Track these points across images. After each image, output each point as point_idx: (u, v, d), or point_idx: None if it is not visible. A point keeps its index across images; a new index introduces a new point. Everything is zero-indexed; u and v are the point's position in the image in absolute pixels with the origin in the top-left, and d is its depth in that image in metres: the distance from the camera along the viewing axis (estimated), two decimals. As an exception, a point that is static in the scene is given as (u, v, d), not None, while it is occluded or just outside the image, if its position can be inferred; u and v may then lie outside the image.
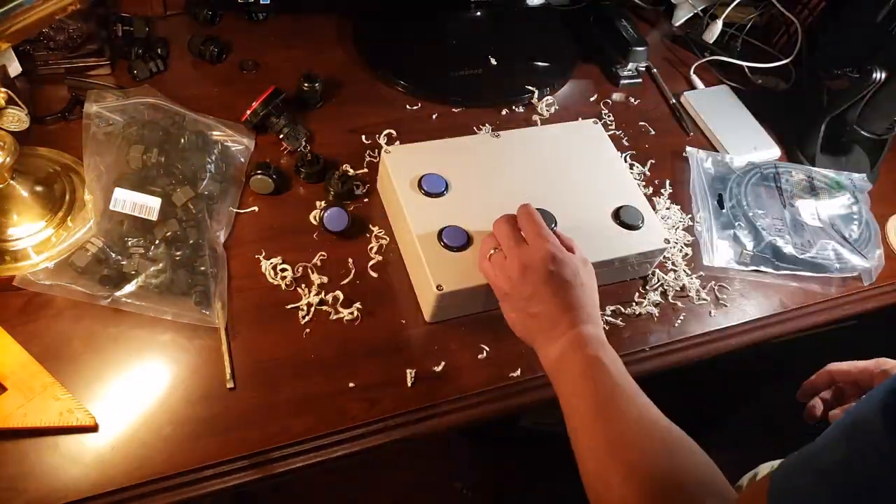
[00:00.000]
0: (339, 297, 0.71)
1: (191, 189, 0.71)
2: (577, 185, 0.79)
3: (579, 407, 0.55)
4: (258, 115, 0.81)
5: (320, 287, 0.71)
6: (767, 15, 1.13)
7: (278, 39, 0.97)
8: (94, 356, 0.63)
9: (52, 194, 0.71)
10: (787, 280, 0.83)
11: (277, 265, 0.72)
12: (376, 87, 0.94)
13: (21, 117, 0.64)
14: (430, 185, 0.74)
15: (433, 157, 0.77)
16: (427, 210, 0.72)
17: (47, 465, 0.57)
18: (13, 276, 0.65)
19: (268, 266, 0.72)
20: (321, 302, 0.70)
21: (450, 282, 0.67)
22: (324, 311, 0.70)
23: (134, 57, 0.87)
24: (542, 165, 0.80)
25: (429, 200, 0.73)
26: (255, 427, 0.61)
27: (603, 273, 0.75)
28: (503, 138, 0.81)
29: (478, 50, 1.00)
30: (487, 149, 0.80)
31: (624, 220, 0.75)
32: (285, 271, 0.71)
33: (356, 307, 0.70)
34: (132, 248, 0.67)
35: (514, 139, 0.82)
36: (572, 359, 0.57)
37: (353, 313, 0.70)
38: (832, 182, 0.91)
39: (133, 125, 0.75)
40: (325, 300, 0.70)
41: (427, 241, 0.70)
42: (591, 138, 0.84)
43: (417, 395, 0.66)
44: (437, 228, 0.71)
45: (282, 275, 0.71)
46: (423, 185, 0.74)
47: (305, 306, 0.70)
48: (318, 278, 0.72)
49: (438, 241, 0.70)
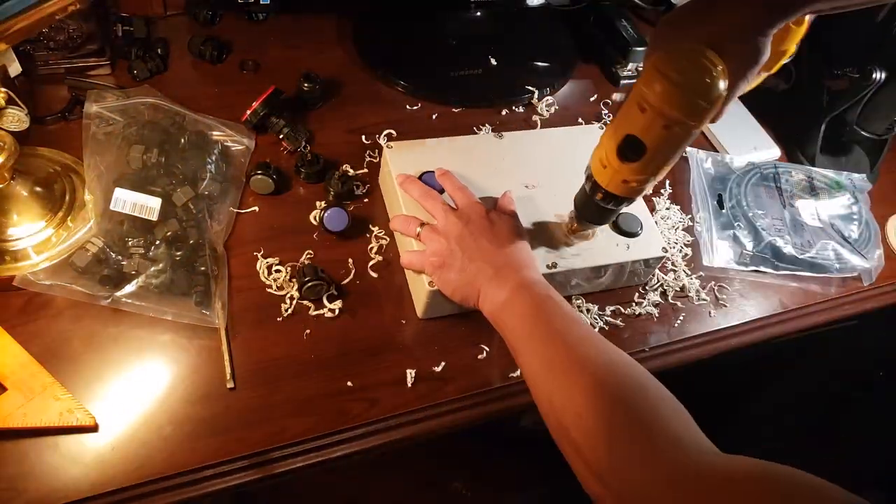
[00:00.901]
0: (339, 296, 0.71)
1: (191, 189, 0.71)
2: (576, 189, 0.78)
3: (533, 336, 0.57)
4: (258, 115, 0.81)
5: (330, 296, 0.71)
6: (767, 15, 1.12)
7: (278, 39, 0.97)
8: (95, 356, 0.64)
9: (52, 194, 0.71)
10: (787, 280, 0.83)
11: (273, 265, 0.72)
12: (376, 87, 0.94)
13: (21, 117, 0.64)
14: (430, 182, 0.74)
15: (435, 155, 0.77)
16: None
17: (47, 465, 0.57)
18: (13, 276, 0.65)
19: (263, 265, 0.72)
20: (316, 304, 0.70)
21: None
22: (324, 311, 0.70)
23: (134, 57, 0.87)
24: (543, 168, 0.79)
25: None
26: (255, 427, 0.61)
27: (601, 278, 0.75)
28: (506, 139, 0.81)
29: (478, 50, 1.00)
30: (489, 149, 0.80)
31: (622, 227, 0.75)
32: (279, 272, 0.71)
33: (356, 307, 0.70)
34: (132, 248, 0.67)
35: (516, 141, 0.82)
36: (521, 298, 0.60)
37: (353, 313, 0.70)
38: (832, 182, 0.91)
39: (133, 125, 0.75)
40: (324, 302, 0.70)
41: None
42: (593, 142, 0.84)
43: (417, 395, 0.66)
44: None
45: (275, 276, 0.71)
46: (423, 182, 0.74)
47: (288, 299, 0.70)
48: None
49: None
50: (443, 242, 0.66)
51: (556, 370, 0.54)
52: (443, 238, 0.66)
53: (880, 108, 0.90)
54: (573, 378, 0.52)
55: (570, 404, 0.51)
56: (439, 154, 0.77)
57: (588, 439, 0.49)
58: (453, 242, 0.65)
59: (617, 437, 0.48)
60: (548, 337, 0.56)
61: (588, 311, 0.75)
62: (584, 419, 0.49)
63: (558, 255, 0.71)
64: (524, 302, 0.60)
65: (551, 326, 0.57)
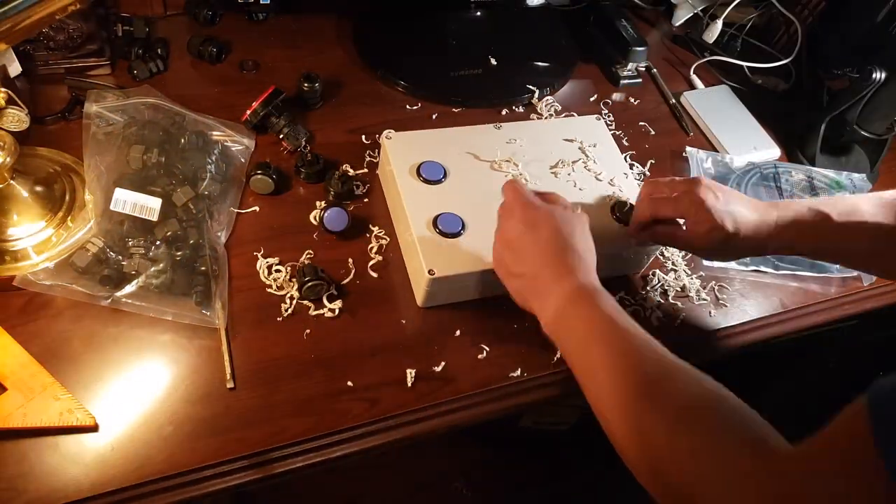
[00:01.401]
0: (339, 296, 0.71)
1: (191, 189, 0.71)
2: (575, 179, 0.79)
3: (588, 359, 0.54)
4: (258, 115, 0.81)
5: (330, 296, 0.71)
6: (767, 15, 1.13)
7: (278, 39, 0.97)
8: (95, 356, 0.63)
9: (52, 194, 0.71)
10: (787, 280, 0.83)
11: (273, 265, 0.72)
12: (376, 87, 0.94)
13: (21, 117, 0.64)
14: (429, 172, 0.75)
15: (433, 145, 0.78)
16: (424, 197, 0.73)
17: (47, 465, 0.57)
18: (13, 276, 0.65)
19: (263, 265, 0.72)
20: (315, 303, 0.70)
21: (442, 267, 0.68)
22: (324, 311, 0.70)
23: (134, 57, 0.87)
24: (542, 158, 0.80)
25: (426, 187, 0.74)
26: (255, 427, 0.61)
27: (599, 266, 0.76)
28: (504, 130, 0.82)
29: (478, 50, 1.00)
30: (487, 139, 0.81)
31: (620, 216, 0.76)
32: (279, 272, 0.71)
33: (356, 307, 0.70)
34: (132, 248, 0.67)
35: (514, 131, 0.82)
36: (572, 312, 0.56)
37: (353, 313, 0.70)
38: (832, 182, 0.91)
39: (133, 125, 0.75)
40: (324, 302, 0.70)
41: (422, 227, 0.70)
42: (591, 133, 0.85)
43: (417, 395, 0.66)
44: (433, 215, 0.71)
45: (275, 276, 0.71)
46: (422, 172, 0.74)
47: (288, 299, 0.70)
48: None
49: (434, 227, 0.70)
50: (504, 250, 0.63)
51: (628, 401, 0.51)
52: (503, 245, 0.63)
53: (880, 108, 0.90)
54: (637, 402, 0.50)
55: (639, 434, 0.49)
56: (438, 145, 0.78)
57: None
58: (507, 251, 0.62)
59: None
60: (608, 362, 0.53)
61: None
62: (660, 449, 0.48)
63: None
64: (577, 317, 0.56)
65: (611, 350, 0.54)
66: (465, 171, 0.76)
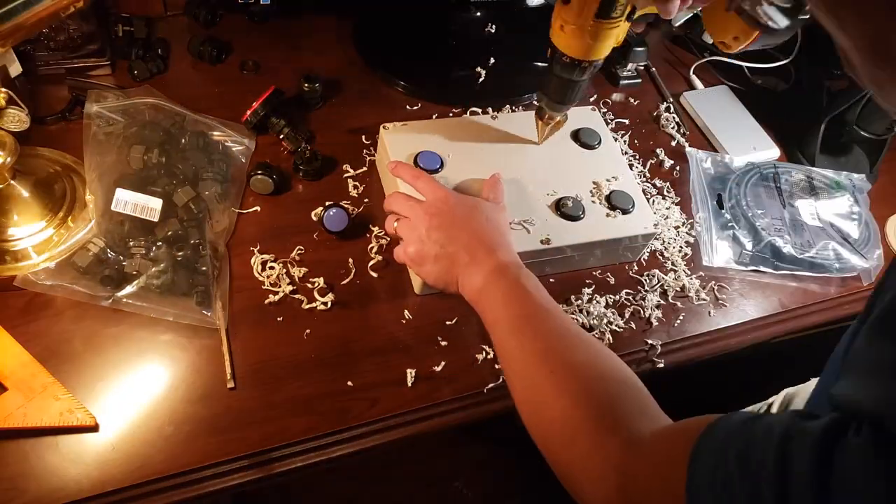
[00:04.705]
0: (339, 296, 0.71)
1: (191, 189, 0.71)
2: (571, 167, 0.80)
3: (503, 327, 0.58)
4: (258, 115, 0.81)
5: (321, 290, 0.71)
6: (767, 15, 1.13)
7: (278, 40, 0.97)
8: (95, 356, 0.64)
9: (52, 194, 0.71)
10: (787, 280, 0.83)
11: (273, 265, 0.72)
12: (376, 87, 0.94)
13: (21, 117, 0.64)
14: (426, 161, 0.75)
15: (430, 135, 0.79)
16: None
17: (48, 465, 0.57)
18: (14, 276, 0.65)
19: (257, 260, 0.72)
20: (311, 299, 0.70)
21: None
22: (324, 311, 0.70)
23: (134, 57, 0.87)
24: (537, 147, 0.81)
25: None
26: (255, 427, 0.62)
27: (593, 255, 0.77)
28: (500, 119, 0.83)
29: (478, 50, 1.00)
30: (484, 129, 0.81)
31: (615, 204, 0.77)
32: (273, 269, 0.71)
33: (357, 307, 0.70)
34: (133, 248, 0.68)
35: (511, 120, 0.83)
36: (495, 285, 0.61)
37: (353, 313, 0.70)
38: (832, 182, 0.91)
39: (134, 125, 0.75)
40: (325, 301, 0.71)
41: None
42: (587, 123, 0.85)
43: (417, 395, 0.66)
44: None
45: (270, 274, 0.71)
46: (419, 161, 0.75)
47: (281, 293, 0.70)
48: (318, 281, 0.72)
49: None
50: (416, 234, 0.66)
51: (531, 368, 0.55)
52: (415, 231, 0.66)
53: (880, 108, 0.90)
54: (543, 378, 0.54)
55: (539, 403, 0.54)
56: (435, 135, 0.79)
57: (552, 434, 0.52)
58: (424, 233, 0.65)
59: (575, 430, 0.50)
60: (516, 328, 0.58)
61: (589, 312, 0.75)
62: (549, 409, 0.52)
63: (552, 230, 0.73)
64: (497, 290, 0.61)
65: (521, 315, 0.58)
66: (462, 161, 0.77)
